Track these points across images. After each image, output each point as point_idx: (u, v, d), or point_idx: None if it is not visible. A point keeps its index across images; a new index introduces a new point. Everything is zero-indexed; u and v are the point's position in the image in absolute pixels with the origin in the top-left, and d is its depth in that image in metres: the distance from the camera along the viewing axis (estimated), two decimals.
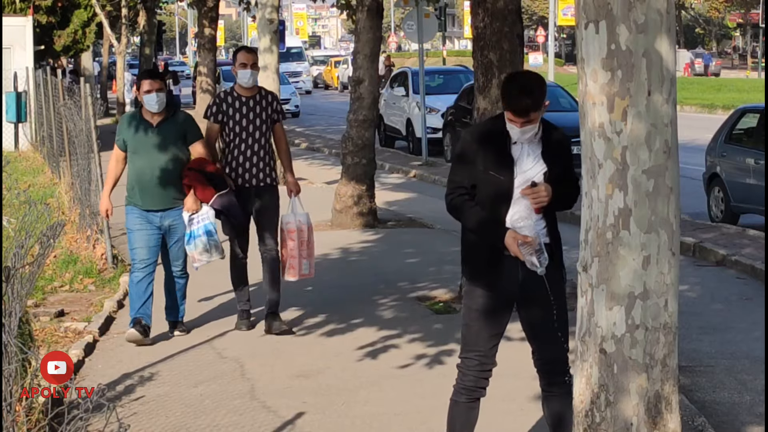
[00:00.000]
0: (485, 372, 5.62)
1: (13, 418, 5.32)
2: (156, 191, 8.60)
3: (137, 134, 8.61)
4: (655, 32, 4.29)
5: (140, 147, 8.60)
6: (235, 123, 9.00)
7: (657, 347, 4.35)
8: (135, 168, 8.63)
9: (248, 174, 8.98)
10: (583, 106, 4.41)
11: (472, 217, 5.53)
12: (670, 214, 4.35)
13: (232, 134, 9.00)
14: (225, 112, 9.03)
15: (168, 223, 8.69)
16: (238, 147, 8.98)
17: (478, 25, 9.79)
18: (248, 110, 9.01)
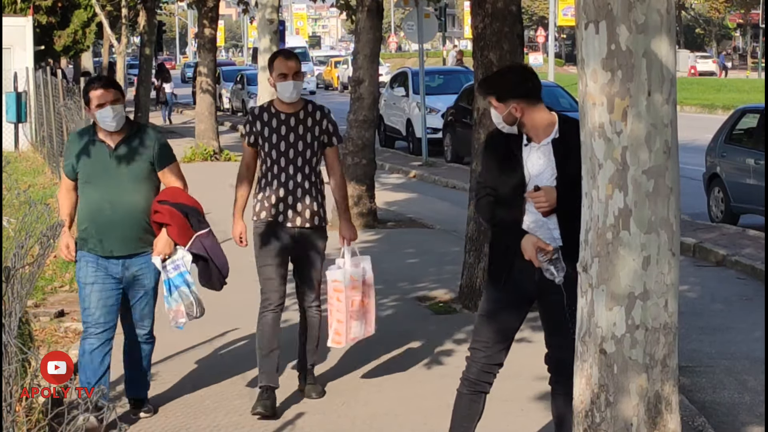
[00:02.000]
0: (491, 366, 5.65)
1: (13, 418, 5.32)
2: (117, 232, 6.66)
3: (91, 159, 6.69)
4: (655, 32, 4.29)
5: (95, 175, 6.66)
6: (272, 146, 7.14)
7: (657, 347, 4.35)
8: (89, 202, 6.70)
9: (290, 211, 7.12)
10: (583, 106, 4.41)
11: (494, 218, 5.59)
12: (670, 215, 4.35)
13: (269, 160, 7.16)
14: (260, 133, 7.19)
15: (132, 272, 6.75)
16: (277, 177, 7.13)
17: (478, 26, 9.80)
18: (288, 130, 7.16)
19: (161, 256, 6.72)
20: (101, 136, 6.71)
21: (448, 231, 14.42)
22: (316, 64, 67.38)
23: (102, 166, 6.68)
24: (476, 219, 9.78)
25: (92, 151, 6.72)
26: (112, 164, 6.68)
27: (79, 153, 6.74)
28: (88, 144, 6.73)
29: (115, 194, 6.65)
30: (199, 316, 6.94)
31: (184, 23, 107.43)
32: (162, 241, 6.72)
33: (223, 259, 6.95)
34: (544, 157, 5.45)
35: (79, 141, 6.77)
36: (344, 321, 7.24)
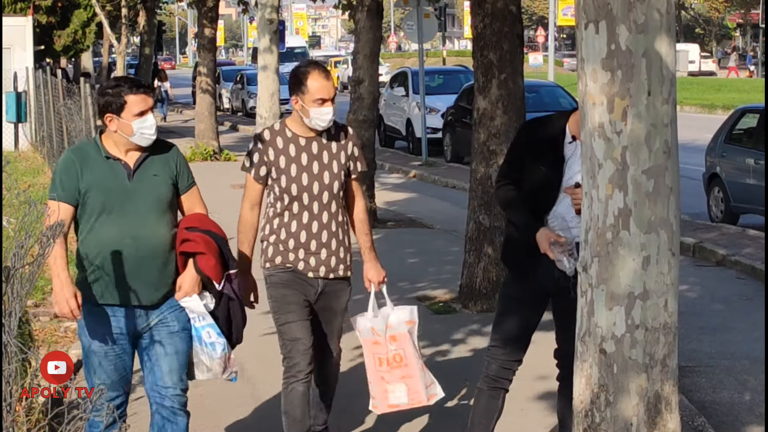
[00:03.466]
0: (510, 363, 5.69)
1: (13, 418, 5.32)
2: (141, 275, 5.29)
3: (105, 183, 5.28)
4: (655, 32, 4.29)
5: (112, 204, 5.26)
6: (291, 180, 5.80)
7: (657, 347, 4.35)
8: (103, 239, 5.26)
9: (313, 259, 5.87)
10: (583, 106, 4.41)
11: (514, 208, 5.60)
12: (670, 215, 4.35)
13: (286, 198, 5.82)
14: (273, 164, 5.81)
15: (155, 321, 5.40)
16: (297, 217, 5.83)
17: (478, 26, 9.80)
18: (311, 159, 5.82)
19: (193, 296, 5.38)
20: (114, 153, 5.31)
21: (448, 231, 14.43)
22: None
23: (120, 191, 5.25)
24: (476, 219, 9.78)
25: (106, 173, 5.27)
26: (132, 189, 5.26)
27: (86, 176, 5.25)
28: (99, 164, 5.28)
29: (138, 227, 5.24)
30: None
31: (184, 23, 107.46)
32: (191, 278, 5.34)
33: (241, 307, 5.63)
34: None
35: (83, 160, 5.29)
36: (374, 382, 5.98)
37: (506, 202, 5.66)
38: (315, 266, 5.88)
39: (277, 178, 5.81)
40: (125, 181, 5.28)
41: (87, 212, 5.28)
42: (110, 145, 5.32)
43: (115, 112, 5.25)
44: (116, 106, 5.24)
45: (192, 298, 5.34)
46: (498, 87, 9.66)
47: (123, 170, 5.29)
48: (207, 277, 5.35)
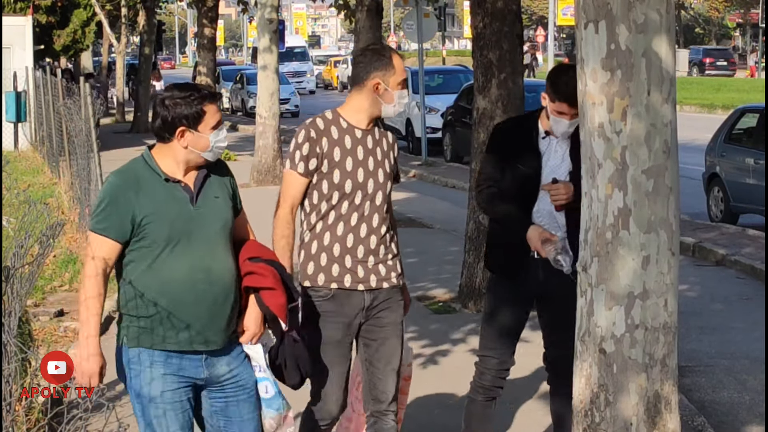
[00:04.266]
0: (503, 372, 5.67)
1: (13, 418, 5.33)
2: (213, 314, 4.57)
3: (168, 210, 4.53)
4: (654, 32, 4.29)
5: (178, 234, 4.52)
6: (346, 176, 5.07)
7: (657, 347, 4.35)
8: (169, 274, 4.51)
9: (361, 268, 5.09)
10: (583, 106, 4.41)
11: (499, 209, 5.57)
12: (669, 214, 4.35)
13: (336, 195, 5.07)
14: (327, 155, 5.07)
15: (226, 375, 4.67)
16: (345, 219, 5.07)
17: (477, 25, 9.80)
18: (367, 154, 5.15)
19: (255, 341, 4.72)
20: (171, 173, 4.57)
21: (447, 231, 14.42)
22: (316, 64, 67.41)
23: (185, 219, 4.53)
24: (476, 218, 9.78)
25: (167, 198, 4.53)
26: (197, 215, 4.56)
27: (142, 204, 4.48)
28: (157, 188, 4.53)
29: (209, 258, 4.54)
30: None
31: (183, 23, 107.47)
32: (257, 318, 4.68)
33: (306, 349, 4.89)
34: (561, 151, 5.47)
35: (136, 186, 4.51)
36: None
37: (491, 203, 5.60)
38: (363, 277, 5.07)
39: (328, 172, 5.03)
40: (188, 205, 4.54)
41: (146, 246, 4.48)
42: (166, 164, 4.55)
43: (191, 125, 4.52)
44: (192, 118, 4.52)
45: (256, 345, 4.69)
46: (498, 87, 9.67)
47: (184, 193, 4.55)
48: (272, 316, 4.68)
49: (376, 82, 5.05)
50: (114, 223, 4.48)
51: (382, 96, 5.09)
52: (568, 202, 5.39)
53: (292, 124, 34.01)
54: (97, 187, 12.17)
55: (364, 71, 5.07)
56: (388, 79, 5.06)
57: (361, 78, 5.08)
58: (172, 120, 4.52)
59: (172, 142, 4.54)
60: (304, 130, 5.11)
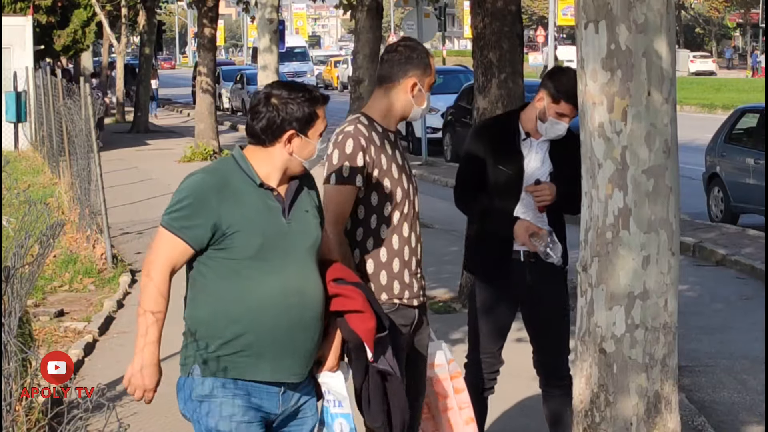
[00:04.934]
0: (493, 372, 5.67)
1: (13, 418, 5.32)
2: (304, 342, 4.04)
3: (260, 220, 3.98)
4: (654, 32, 4.29)
5: (271, 248, 3.97)
6: (396, 184, 4.69)
7: (657, 347, 4.35)
8: (259, 295, 3.95)
9: (415, 282, 4.73)
10: (583, 106, 4.41)
11: (479, 209, 5.56)
12: (669, 214, 4.35)
13: (388, 207, 4.66)
14: (376, 164, 4.63)
15: (291, 406, 4.13)
16: (397, 231, 4.68)
17: (478, 25, 9.80)
18: (402, 158, 4.78)
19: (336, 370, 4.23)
20: (264, 176, 4.02)
21: (447, 231, 14.42)
22: (316, 64, 67.41)
23: (278, 232, 3.98)
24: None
25: (260, 206, 3.97)
26: (288, 230, 4.01)
27: (230, 210, 3.92)
28: (250, 194, 3.97)
29: (302, 279, 4.01)
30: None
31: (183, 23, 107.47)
32: (337, 346, 4.20)
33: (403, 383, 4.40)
34: (542, 153, 5.49)
35: (225, 188, 3.95)
36: None
37: (469, 205, 5.60)
38: (416, 291, 4.70)
39: (377, 181, 4.58)
40: (281, 218, 3.99)
41: (230, 259, 3.92)
42: (261, 169, 4.01)
43: (301, 129, 3.99)
44: (305, 122, 3.99)
45: (336, 374, 4.18)
46: (498, 87, 9.67)
47: (277, 204, 4.00)
48: (358, 343, 4.16)
49: (414, 82, 4.66)
50: (194, 225, 3.89)
51: (416, 97, 4.68)
52: (552, 203, 5.42)
53: None
54: (97, 187, 12.18)
55: (399, 69, 4.65)
56: (425, 79, 4.69)
57: (396, 77, 4.65)
58: (281, 122, 3.97)
59: (273, 146, 3.97)
60: (351, 139, 4.54)
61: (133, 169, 22.24)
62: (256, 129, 4.00)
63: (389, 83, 4.67)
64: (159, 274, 3.92)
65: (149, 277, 3.93)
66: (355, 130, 4.58)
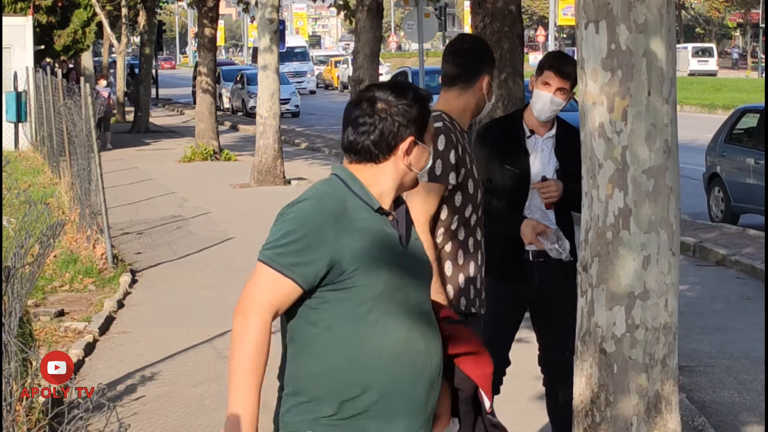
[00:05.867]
0: (498, 374, 5.67)
1: (13, 418, 5.33)
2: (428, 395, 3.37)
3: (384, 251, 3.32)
4: (655, 32, 4.29)
5: (398, 285, 3.32)
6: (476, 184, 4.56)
7: (657, 347, 4.35)
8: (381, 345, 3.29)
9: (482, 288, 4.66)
10: (583, 106, 4.41)
11: (488, 209, 5.57)
12: (670, 214, 4.35)
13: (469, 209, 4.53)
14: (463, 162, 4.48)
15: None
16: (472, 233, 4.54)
17: (478, 25, 9.80)
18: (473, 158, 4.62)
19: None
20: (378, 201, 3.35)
21: None
22: (317, 64, 67.44)
23: (399, 265, 3.32)
24: None
25: (380, 236, 3.30)
26: (407, 261, 3.36)
27: (348, 242, 3.24)
28: (367, 221, 3.29)
29: (425, 320, 3.38)
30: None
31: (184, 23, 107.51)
32: (449, 398, 3.55)
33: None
34: (548, 149, 5.50)
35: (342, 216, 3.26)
36: None
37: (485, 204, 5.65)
38: (483, 299, 4.52)
39: (463, 181, 4.37)
40: (400, 247, 3.34)
41: (348, 300, 3.25)
42: (373, 191, 3.34)
43: (419, 135, 3.35)
44: (421, 124, 3.36)
45: None
46: (498, 87, 9.67)
47: (395, 231, 3.34)
48: (472, 392, 3.57)
49: (488, 79, 4.60)
50: (307, 262, 3.21)
51: (488, 94, 4.62)
52: (559, 199, 5.43)
53: (292, 124, 34.05)
54: (97, 187, 12.18)
55: (475, 67, 4.52)
56: (493, 74, 4.64)
57: (472, 75, 4.51)
58: (398, 130, 3.31)
59: (387, 160, 3.31)
60: (443, 135, 4.29)
61: (133, 169, 22.25)
62: (366, 145, 3.30)
63: (464, 83, 4.52)
64: (259, 323, 3.25)
65: (246, 327, 3.25)
66: (445, 126, 4.36)
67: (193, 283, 11.12)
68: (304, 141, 29.04)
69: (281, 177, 19.38)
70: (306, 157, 25.65)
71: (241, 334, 3.27)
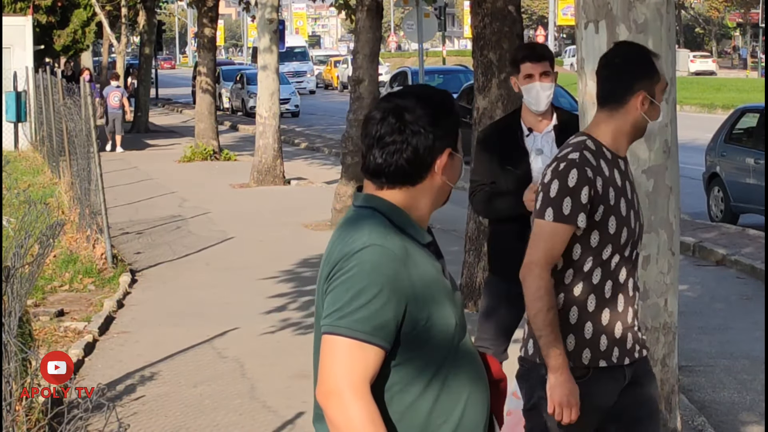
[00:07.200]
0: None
1: (13, 418, 5.32)
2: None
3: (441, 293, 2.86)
4: (654, 32, 4.29)
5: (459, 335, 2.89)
6: (622, 223, 3.92)
7: (657, 347, 4.35)
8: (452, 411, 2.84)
9: (630, 336, 3.97)
10: (583, 105, 4.41)
11: (497, 202, 5.62)
12: (669, 214, 4.35)
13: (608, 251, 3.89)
14: (602, 199, 3.89)
15: None
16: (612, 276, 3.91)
17: (477, 25, 9.80)
18: (631, 190, 4.02)
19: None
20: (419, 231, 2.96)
21: (447, 230, 14.41)
22: (316, 64, 67.41)
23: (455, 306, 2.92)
24: (476, 219, 9.79)
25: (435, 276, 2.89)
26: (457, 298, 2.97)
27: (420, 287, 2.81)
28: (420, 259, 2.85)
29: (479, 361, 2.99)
30: None
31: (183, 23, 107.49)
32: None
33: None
34: (548, 145, 5.51)
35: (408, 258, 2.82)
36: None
37: (486, 200, 5.68)
38: (630, 347, 3.95)
39: (602, 220, 3.86)
40: (446, 280, 2.92)
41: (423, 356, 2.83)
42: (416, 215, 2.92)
43: (455, 144, 2.93)
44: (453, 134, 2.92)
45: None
46: (498, 86, 9.67)
47: (439, 264, 2.93)
48: None
49: (642, 95, 3.90)
50: (387, 321, 2.76)
51: (648, 111, 3.91)
52: None
53: (292, 124, 34.05)
54: (97, 187, 12.18)
55: (622, 86, 3.92)
56: (654, 87, 3.92)
57: (621, 96, 3.91)
58: (434, 144, 2.86)
59: (423, 181, 2.88)
60: (575, 170, 3.82)
61: (133, 169, 22.24)
62: (400, 165, 2.84)
63: (613, 104, 3.93)
64: (360, 401, 2.75)
65: (347, 411, 2.77)
66: (581, 158, 3.85)
67: (193, 283, 11.11)
68: (303, 141, 29.04)
69: (281, 177, 19.38)
70: (306, 157, 25.65)
71: (348, 426, 2.76)
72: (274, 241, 13.46)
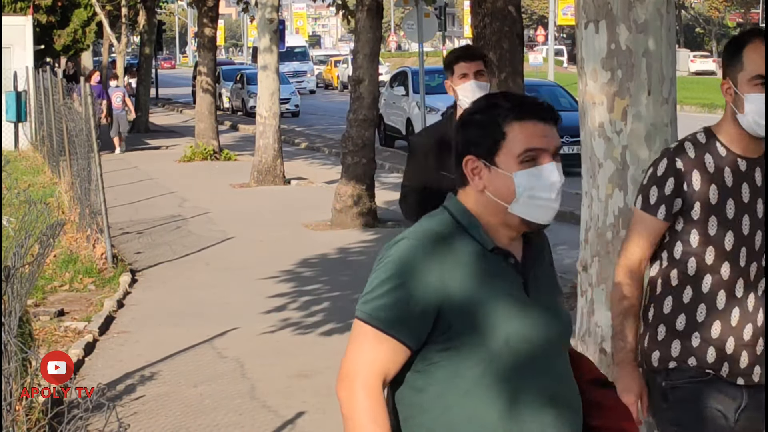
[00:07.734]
0: None
1: (13, 418, 5.32)
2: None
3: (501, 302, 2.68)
4: (655, 32, 4.29)
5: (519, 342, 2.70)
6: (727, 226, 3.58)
7: None
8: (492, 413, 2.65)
9: (746, 354, 3.62)
10: (583, 105, 4.41)
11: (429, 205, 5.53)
12: None
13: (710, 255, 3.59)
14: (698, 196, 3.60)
15: None
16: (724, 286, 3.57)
17: (477, 25, 9.81)
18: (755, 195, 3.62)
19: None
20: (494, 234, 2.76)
21: None
22: (317, 64, 67.39)
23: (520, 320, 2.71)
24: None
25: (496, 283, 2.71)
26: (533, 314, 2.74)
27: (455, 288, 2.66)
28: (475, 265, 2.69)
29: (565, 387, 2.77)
30: None
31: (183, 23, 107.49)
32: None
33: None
34: None
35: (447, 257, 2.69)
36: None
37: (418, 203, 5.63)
38: (747, 366, 3.59)
39: (698, 219, 3.57)
40: (523, 295, 2.75)
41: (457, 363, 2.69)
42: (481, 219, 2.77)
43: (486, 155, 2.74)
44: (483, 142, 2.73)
45: None
46: (498, 87, 9.67)
47: (516, 275, 2.76)
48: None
49: (727, 84, 3.59)
50: (410, 316, 2.67)
51: (735, 104, 3.56)
52: None
53: (292, 123, 34.05)
54: (97, 187, 12.19)
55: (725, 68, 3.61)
56: (736, 76, 3.55)
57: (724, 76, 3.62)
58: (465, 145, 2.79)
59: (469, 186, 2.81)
60: (666, 160, 3.59)
61: (133, 169, 22.24)
62: None
63: None
64: (367, 394, 2.66)
65: (352, 400, 2.67)
66: (677, 148, 3.60)
67: (193, 282, 11.12)
68: (303, 141, 29.04)
69: (281, 177, 19.38)
70: (306, 156, 25.66)
71: (350, 413, 2.66)
72: (274, 241, 13.46)
